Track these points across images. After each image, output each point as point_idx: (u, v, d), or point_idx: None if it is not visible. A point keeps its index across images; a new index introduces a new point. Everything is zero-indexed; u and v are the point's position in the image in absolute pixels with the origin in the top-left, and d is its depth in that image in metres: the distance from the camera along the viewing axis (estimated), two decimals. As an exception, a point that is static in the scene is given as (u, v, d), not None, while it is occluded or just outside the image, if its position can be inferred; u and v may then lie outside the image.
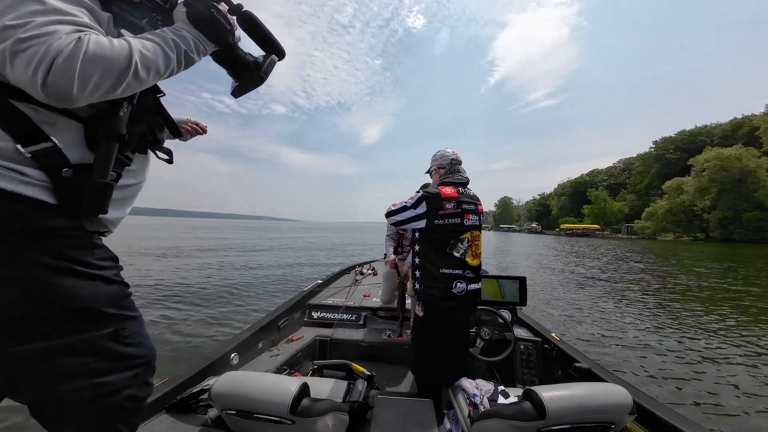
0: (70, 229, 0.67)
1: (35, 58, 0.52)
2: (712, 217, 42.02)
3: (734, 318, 5.59)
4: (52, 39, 0.53)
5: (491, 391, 1.47)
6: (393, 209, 1.81)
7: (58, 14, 0.57)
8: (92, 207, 0.68)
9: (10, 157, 0.60)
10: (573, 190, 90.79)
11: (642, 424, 1.36)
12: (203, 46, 0.77)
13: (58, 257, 0.64)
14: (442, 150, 1.89)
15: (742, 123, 53.52)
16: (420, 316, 1.71)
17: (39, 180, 0.63)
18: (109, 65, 0.58)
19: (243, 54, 0.87)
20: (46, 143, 0.63)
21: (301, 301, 3.00)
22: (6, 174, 0.59)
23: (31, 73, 0.53)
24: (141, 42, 0.65)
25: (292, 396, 1.08)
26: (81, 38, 0.56)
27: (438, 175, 1.87)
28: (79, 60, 0.54)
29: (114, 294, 0.74)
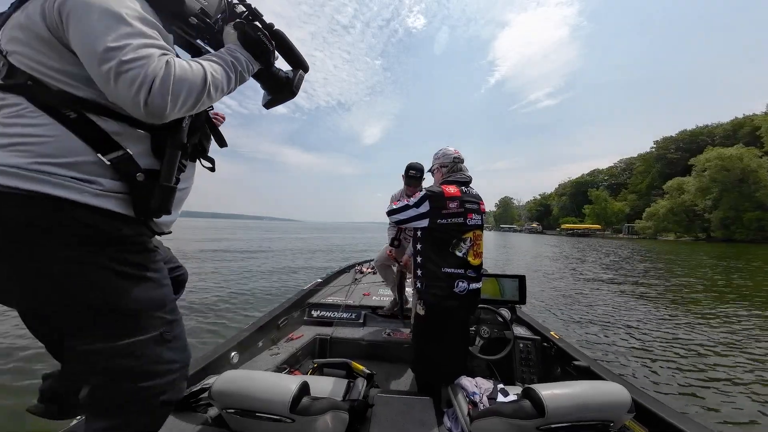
0: (134, 236, 0.74)
1: (137, 80, 0.59)
2: (713, 217, 41.88)
3: (738, 317, 5.58)
4: (149, 62, 0.61)
5: (490, 390, 1.47)
6: (395, 207, 1.79)
7: (146, 37, 0.65)
8: (160, 208, 0.75)
9: (86, 169, 0.66)
10: (574, 190, 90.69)
11: (641, 422, 1.36)
12: (252, 66, 0.86)
13: (123, 263, 0.71)
14: (444, 148, 1.88)
15: (744, 123, 53.39)
16: (421, 315, 1.71)
17: (110, 190, 0.69)
18: (191, 87, 0.67)
19: (277, 70, 0.96)
20: (120, 151, 0.69)
21: (300, 299, 3.00)
22: (77, 186, 0.65)
23: (134, 93, 0.60)
24: (210, 65, 0.73)
25: (292, 394, 1.08)
26: (169, 62, 0.64)
27: (440, 173, 1.86)
28: (171, 82, 0.63)
29: (163, 297, 0.80)
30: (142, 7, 0.68)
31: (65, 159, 0.65)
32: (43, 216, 0.63)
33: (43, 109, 0.65)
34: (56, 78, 0.65)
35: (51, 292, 0.66)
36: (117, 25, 0.61)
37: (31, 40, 0.65)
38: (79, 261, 0.66)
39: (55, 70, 0.65)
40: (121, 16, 0.62)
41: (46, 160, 0.63)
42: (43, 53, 0.65)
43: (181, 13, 0.79)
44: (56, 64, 0.65)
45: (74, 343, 0.69)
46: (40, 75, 0.65)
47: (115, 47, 0.59)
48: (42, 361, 3.27)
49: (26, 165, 0.62)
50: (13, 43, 0.66)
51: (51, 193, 0.62)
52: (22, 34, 0.65)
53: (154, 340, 0.76)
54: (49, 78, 0.65)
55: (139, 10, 0.67)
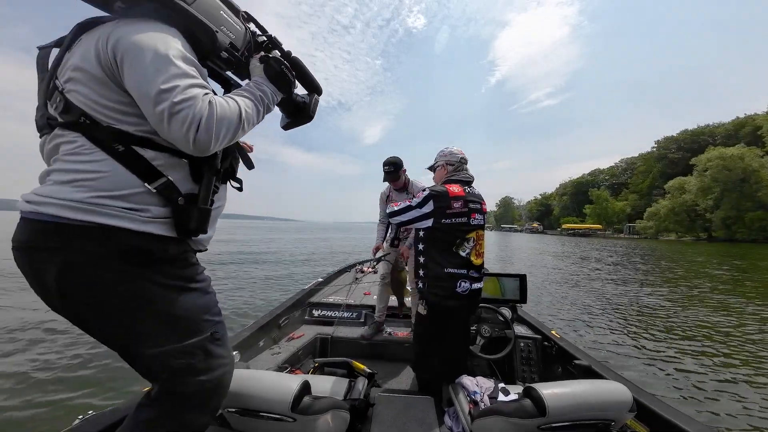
0: (179, 254, 0.83)
1: (187, 120, 0.68)
2: (715, 216, 41.79)
3: (746, 316, 5.57)
4: (195, 103, 0.70)
5: (491, 389, 1.47)
6: (396, 209, 1.76)
7: (190, 77, 0.73)
8: (198, 228, 0.83)
9: (136, 199, 0.75)
10: (574, 190, 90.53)
11: (642, 421, 1.36)
12: (276, 97, 0.95)
13: (174, 278, 0.81)
14: (450, 147, 1.88)
15: (745, 122, 53.22)
16: (423, 314, 1.71)
17: (157, 216, 0.77)
18: (230, 124, 0.76)
19: (296, 96, 1.05)
20: (163, 179, 0.77)
21: (301, 299, 3.01)
22: (129, 215, 0.73)
23: (184, 132, 0.69)
24: (243, 101, 0.82)
25: (293, 394, 1.09)
26: (211, 102, 0.72)
27: (445, 171, 1.85)
28: (215, 121, 0.72)
29: (209, 302, 0.90)
30: (183, 45, 0.76)
31: (118, 192, 0.73)
32: (101, 244, 0.71)
33: (96, 144, 0.73)
34: (105, 114, 0.73)
35: (118, 310, 0.75)
36: (166, 67, 0.69)
37: (87, 79, 0.72)
38: (137, 280, 0.75)
39: (105, 107, 0.73)
40: (168, 57, 0.70)
41: (102, 193, 0.72)
42: (95, 91, 0.72)
43: (214, 49, 0.87)
44: (106, 101, 0.73)
45: (142, 349, 0.78)
46: (92, 111, 0.72)
47: (166, 89, 0.68)
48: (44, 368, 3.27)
49: (86, 199, 0.70)
50: (70, 83, 0.73)
51: (107, 224, 0.71)
52: (78, 74, 0.72)
53: (207, 339, 0.86)
54: (99, 114, 0.73)
55: (181, 50, 0.74)
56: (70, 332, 4.03)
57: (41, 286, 0.74)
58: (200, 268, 0.91)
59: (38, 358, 3.33)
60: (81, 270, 0.71)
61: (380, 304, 2.71)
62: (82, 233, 0.70)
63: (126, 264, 0.74)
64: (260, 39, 1.00)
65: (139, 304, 0.76)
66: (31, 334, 4.01)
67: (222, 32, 0.87)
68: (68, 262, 0.70)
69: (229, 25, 0.89)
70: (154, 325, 0.78)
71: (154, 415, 0.81)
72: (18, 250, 0.74)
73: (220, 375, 0.89)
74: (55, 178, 0.73)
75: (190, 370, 0.82)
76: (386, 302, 2.72)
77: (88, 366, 3.19)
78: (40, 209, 0.70)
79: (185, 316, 0.82)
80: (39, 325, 4.26)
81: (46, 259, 0.71)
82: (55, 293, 0.73)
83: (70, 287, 0.72)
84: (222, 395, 0.93)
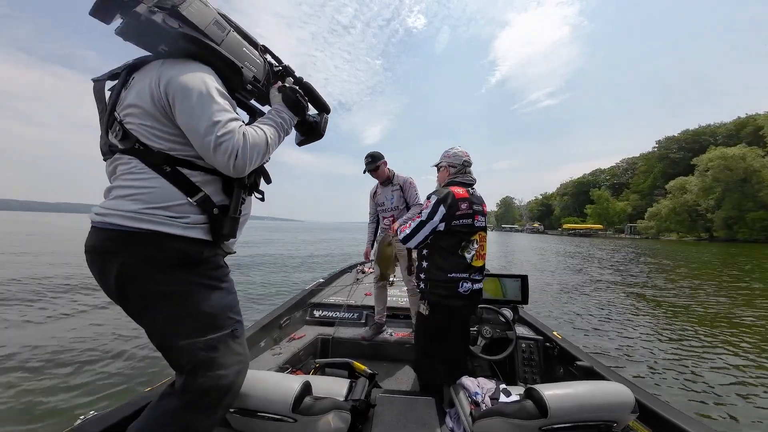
0: (212, 256, 0.96)
1: (228, 150, 0.85)
2: (716, 216, 41.68)
3: (745, 317, 5.55)
4: (233, 136, 0.86)
5: (493, 390, 1.47)
6: (408, 233, 1.70)
7: (227, 111, 0.89)
8: (229, 234, 0.97)
9: (179, 210, 0.90)
10: (575, 190, 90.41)
11: (644, 422, 1.35)
12: (293, 121, 1.11)
13: (207, 277, 0.94)
14: (455, 148, 1.86)
15: (746, 122, 53.08)
16: (425, 315, 1.71)
17: (196, 222, 0.92)
18: (259, 150, 0.93)
19: (308, 117, 1.19)
20: (201, 193, 0.92)
21: (302, 299, 3.01)
22: (173, 222, 0.88)
23: (226, 160, 0.86)
24: (268, 128, 0.99)
25: (294, 394, 1.09)
26: (245, 134, 0.89)
27: (447, 172, 1.84)
28: (248, 150, 0.89)
29: (232, 302, 1.01)
30: (217, 82, 0.92)
31: (165, 203, 0.88)
32: (151, 247, 0.86)
33: (148, 165, 0.88)
34: (156, 141, 0.89)
35: (162, 304, 0.88)
36: (209, 105, 0.86)
37: (141, 114, 0.88)
38: (178, 278, 0.89)
39: (156, 136, 0.89)
40: (210, 95, 0.87)
41: (152, 205, 0.87)
42: (148, 123, 0.88)
43: (241, 83, 1.02)
44: (157, 131, 0.89)
45: (175, 341, 0.89)
46: (145, 139, 0.88)
47: (211, 124, 0.84)
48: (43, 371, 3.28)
49: (140, 210, 0.86)
50: (128, 117, 0.89)
51: (156, 230, 0.86)
52: (134, 110, 0.88)
53: (228, 336, 0.96)
54: (151, 141, 0.88)
55: (218, 87, 0.91)
56: (73, 336, 4.04)
57: (106, 284, 0.89)
58: (227, 270, 1.03)
59: (42, 361, 3.33)
60: (135, 270, 0.86)
61: (379, 306, 2.71)
62: (137, 238, 0.85)
63: (170, 264, 0.88)
64: (276, 69, 1.16)
65: (179, 299, 0.89)
66: (33, 337, 4.01)
67: (246, 67, 1.03)
68: (125, 264, 0.85)
69: (251, 60, 1.05)
70: (187, 319, 0.90)
71: (174, 406, 0.89)
72: (89, 254, 0.90)
73: (237, 371, 0.97)
74: (116, 193, 0.89)
75: (212, 363, 0.91)
76: (384, 303, 2.72)
77: (91, 368, 3.21)
78: (106, 219, 0.86)
79: (213, 313, 0.93)
80: (41, 329, 4.27)
81: (109, 260, 0.86)
82: (115, 290, 0.87)
83: (127, 285, 0.86)
84: (235, 394, 0.99)
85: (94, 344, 3.76)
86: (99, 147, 0.97)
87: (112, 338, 3.94)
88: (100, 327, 4.34)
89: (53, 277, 7.54)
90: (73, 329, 4.24)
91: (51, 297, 5.83)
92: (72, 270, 8.38)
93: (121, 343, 3.80)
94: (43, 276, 7.56)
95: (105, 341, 3.85)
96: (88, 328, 4.29)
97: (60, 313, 4.92)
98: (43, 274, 7.72)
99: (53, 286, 6.60)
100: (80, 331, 4.21)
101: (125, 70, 0.95)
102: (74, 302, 5.55)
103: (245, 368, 1.02)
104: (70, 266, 9.01)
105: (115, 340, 3.90)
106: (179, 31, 0.85)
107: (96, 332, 4.16)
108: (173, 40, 0.86)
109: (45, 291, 6.21)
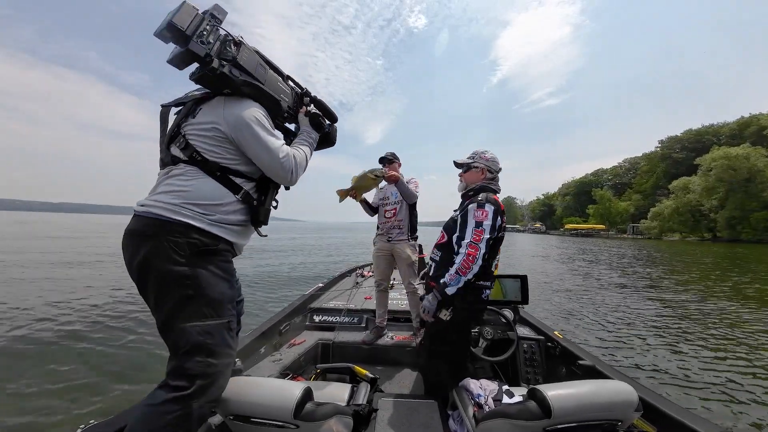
0: (224, 250, 1.13)
1: (287, 169, 1.19)
2: (719, 217, 41.39)
3: (748, 315, 5.51)
4: (288, 158, 1.19)
5: (495, 391, 1.46)
6: (478, 256, 1.53)
7: (279, 138, 1.21)
8: (263, 220, 1.23)
9: (223, 209, 1.11)
10: (577, 190, 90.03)
11: (649, 420, 1.34)
12: (317, 137, 1.41)
13: (217, 267, 1.09)
14: (492, 153, 1.83)
15: (750, 122, 52.68)
16: (446, 320, 1.67)
17: (221, 222, 1.11)
18: (302, 166, 1.28)
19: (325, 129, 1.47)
20: (242, 191, 1.17)
21: (302, 305, 2.99)
22: (200, 217, 1.06)
23: (288, 175, 1.21)
24: (305, 148, 1.32)
25: (295, 400, 1.08)
26: (295, 155, 1.22)
27: (483, 175, 1.79)
28: (298, 166, 1.24)
29: (233, 296, 1.15)
30: (265, 114, 1.19)
31: (208, 201, 1.09)
32: (178, 234, 1.02)
33: (204, 172, 1.11)
34: (210, 154, 1.12)
35: (175, 284, 1.00)
36: (269, 137, 1.16)
37: (203, 133, 1.12)
38: (195, 263, 1.03)
39: (213, 152, 1.12)
40: (268, 129, 1.17)
41: (189, 201, 1.06)
42: (209, 142, 1.12)
43: (280, 112, 1.31)
44: (216, 149, 1.13)
45: (179, 322, 1.00)
46: (204, 153, 1.11)
47: (274, 150, 1.15)
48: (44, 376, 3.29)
49: (179, 203, 1.05)
50: (193, 135, 1.13)
51: (186, 221, 1.03)
52: (198, 129, 1.13)
53: (224, 326, 1.07)
54: (207, 154, 1.12)
55: (268, 120, 1.19)
56: (74, 345, 4.06)
57: (131, 260, 1.04)
58: (234, 269, 1.19)
59: (41, 369, 3.35)
60: (162, 251, 1.00)
61: (380, 310, 2.71)
62: (170, 226, 1.02)
63: (191, 250, 1.02)
64: (299, 92, 1.41)
65: (191, 282, 1.01)
66: (34, 346, 4.04)
67: (282, 99, 1.29)
68: (155, 246, 1.00)
69: (284, 92, 1.31)
70: (193, 301, 1.01)
71: (162, 398, 0.95)
72: (128, 236, 1.05)
73: (225, 364, 1.06)
74: (162, 189, 1.09)
75: (205, 348, 1.00)
76: (385, 307, 2.72)
77: (89, 377, 3.19)
78: (148, 209, 1.04)
79: (216, 299, 1.06)
80: (43, 337, 4.29)
81: (143, 242, 1.02)
82: (141, 268, 1.02)
83: (152, 263, 1.00)
84: (220, 388, 1.06)
85: (96, 353, 3.77)
86: (161, 159, 1.19)
87: (112, 348, 3.94)
88: (105, 337, 4.36)
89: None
90: (81, 339, 4.27)
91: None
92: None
93: (122, 352, 3.81)
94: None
95: (105, 351, 3.86)
96: (94, 338, 4.32)
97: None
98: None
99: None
100: (87, 340, 4.23)
101: (191, 102, 1.21)
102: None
103: (231, 363, 1.11)
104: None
105: (115, 349, 3.91)
106: (242, 80, 1.11)
107: (100, 340, 4.19)
108: (237, 86, 1.11)
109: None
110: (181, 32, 0.95)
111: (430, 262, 1.92)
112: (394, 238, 2.67)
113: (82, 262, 10.61)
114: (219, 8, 1.09)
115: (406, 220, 2.65)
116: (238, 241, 1.20)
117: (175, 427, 0.93)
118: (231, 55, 1.06)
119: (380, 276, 2.75)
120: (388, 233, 2.70)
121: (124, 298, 5.90)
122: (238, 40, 1.13)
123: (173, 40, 1.00)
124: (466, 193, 1.83)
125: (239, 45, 1.12)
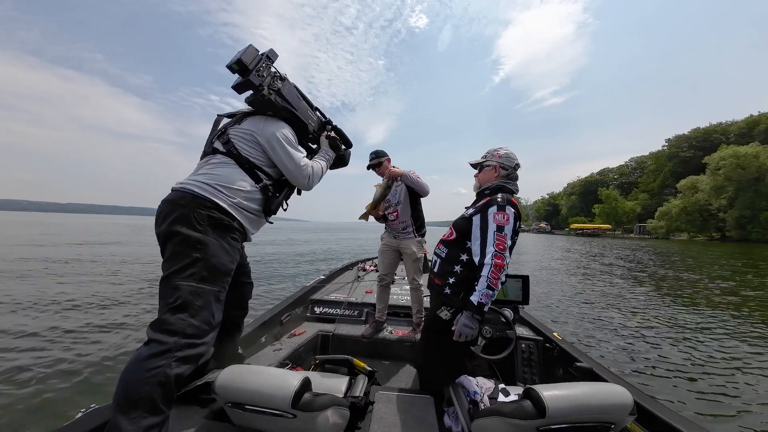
0: (237, 229, 1.36)
1: (307, 177, 1.54)
2: (728, 216, 40.73)
3: (750, 319, 5.43)
4: (308, 168, 1.54)
5: (491, 389, 1.47)
6: (504, 263, 1.46)
7: (302, 152, 1.55)
8: (275, 209, 1.56)
9: (243, 195, 1.38)
10: (583, 189, 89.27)
11: (642, 424, 1.34)
12: (333, 156, 1.78)
13: (226, 241, 1.31)
14: (504, 148, 1.74)
15: (759, 120, 51.82)
16: (446, 320, 1.67)
17: (239, 206, 1.37)
18: (319, 176, 1.63)
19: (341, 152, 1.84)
20: (262, 182, 1.46)
21: (303, 296, 3.03)
22: (225, 198, 1.32)
23: (306, 181, 1.55)
24: (323, 162, 1.68)
25: (293, 390, 1.10)
26: (313, 167, 1.58)
27: (496, 173, 1.71)
28: (315, 176, 1.59)
29: (230, 270, 1.33)
30: (293, 133, 1.53)
31: (231, 185, 1.34)
32: (204, 207, 1.26)
33: (237, 163, 1.40)
34: (244, 151, 1.42)
35: (188, 246, 1.19)
36: (292, 149, 1.49)
37: (243, 136, 1.45)
38: (209, 231, 1.24)
39: (247, 151, 1.43)
40: (293, 143, 1.51)
41: (220, 183, 1.33)
42: (246, 144, 1.44)
43: (308, 134, 1.67)
44: (250, 149, 1.44)
45: (176, 277, 1.16)
46: (239, 148, 1.42)
47: (298, 160, 1.50)
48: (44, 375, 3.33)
49: (211, 184, 1.31)
50: (234, 134, 1.44)
51: (213, 199, 1.29)
52: (240, 132, 1.45)
53: (213, 293, 1.23)
54: (241, 150, 1.42)
55: (295, 137, 1.55)
56: (76, 331, 4.12)
57: (162, 221, 1.24)
58: (240, 249, 1.44)
59: (42, 355, 3.41)
60: (188, 218, 1.22)
61: (380, 305, 2.71)
62: (199, 201, 1.26)
63: (210, 222, 1.25)
64: (321, 119, 1.76)
65: (203, 246, 1.21)
66: (36, 333, 4.11)
67: (309, 124, 1.63)
68: (184, 213, 1.22)
69: (312, 119, 1.67)
70: (197, 264, 1.19)
71: (145, 353, 1.05)
72: (164, 203, 1.27)
73: (204, 331, 1.17)
74: (201, 172, 1.36)
75: (190, 307, 1.14)
76: (386, 302, 2.72)
77: (90, 363, 3.26)
78: (185, 186, 1.29)
79: (216, 267, 1.23)
80: (44, 325, 4.36)
81: (175, 209, 1.23)
82: (169, 229, 1.21)
83: (178, 226, 1.20)
84: (198, 353, 1.15)
85: (96, 341, 3.83)
86: (204, 150, 1.50)
87: (112, 335, 4.02)
88: (106, 327, 4.42)
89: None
90: (84, 334, 4.33)
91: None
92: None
93: (121, 340, 3.87)
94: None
95: (106, 338, 3.93)
96: (96, 329, 4.38)
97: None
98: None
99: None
100: (86, 333, 4.29)
101: (241, 115, 1.52)
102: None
103: (213, 331, 1.23)
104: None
105: (115, 336, 3.97)
106: (282, 106, 1.46)
107: (100, 326, 4.25)
108: (277, 110, 1.47)
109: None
110: (245, 66, 1.30)
111: (433, 258, 1.89)
112: (401, 236, 2.69)
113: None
114: (273, 52, 1.43)
115: (409, 218, 2.66)
116: (249, 227, 1.44)
117: (154, 383, 1.02)
118: (277, 87, 1.44)
119: (384, 270, 2.73)
120: (395, 232, 2.72)
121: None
122: (284, 76, 1.50)
123: (239, 72, 1.32)
124: (482, 191, 1.75)
125: (284, 80, 1.50)
